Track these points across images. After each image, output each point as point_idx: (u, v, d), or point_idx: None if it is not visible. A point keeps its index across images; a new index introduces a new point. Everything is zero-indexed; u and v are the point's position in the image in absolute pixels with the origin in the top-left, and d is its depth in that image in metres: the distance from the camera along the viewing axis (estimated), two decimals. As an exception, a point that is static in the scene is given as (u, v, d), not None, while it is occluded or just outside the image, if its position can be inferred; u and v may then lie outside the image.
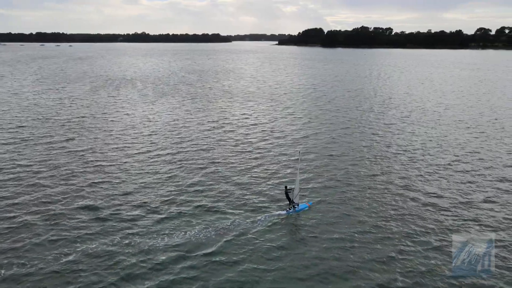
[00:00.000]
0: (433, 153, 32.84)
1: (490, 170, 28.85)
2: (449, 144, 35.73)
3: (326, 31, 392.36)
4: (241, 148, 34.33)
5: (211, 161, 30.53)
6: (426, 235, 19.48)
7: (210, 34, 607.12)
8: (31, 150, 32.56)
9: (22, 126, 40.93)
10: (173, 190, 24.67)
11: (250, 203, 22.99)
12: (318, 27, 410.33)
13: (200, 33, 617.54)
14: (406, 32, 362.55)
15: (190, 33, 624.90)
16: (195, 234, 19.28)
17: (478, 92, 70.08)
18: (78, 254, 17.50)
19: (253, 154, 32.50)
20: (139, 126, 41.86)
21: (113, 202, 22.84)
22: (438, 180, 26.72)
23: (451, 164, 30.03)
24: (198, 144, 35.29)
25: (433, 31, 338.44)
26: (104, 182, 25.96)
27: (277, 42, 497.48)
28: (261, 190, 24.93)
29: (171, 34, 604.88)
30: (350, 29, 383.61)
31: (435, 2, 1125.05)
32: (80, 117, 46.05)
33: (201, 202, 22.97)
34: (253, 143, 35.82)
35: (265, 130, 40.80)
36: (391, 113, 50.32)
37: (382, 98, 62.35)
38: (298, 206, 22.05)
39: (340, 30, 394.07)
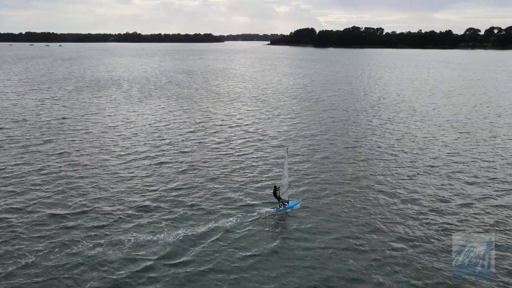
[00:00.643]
0: (420, 152, 32.66)
1: (482, 170, 28.70)
2: (434, 144, 35.56)
3: (318, 31, 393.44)
4: (226, 148, 33.75)
5: (193, 163, 29.92)
6: (421, 234, 19.24)
7: (202, 34, 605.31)
8: (5, 154, 31.61)
9: (-2, 128, 39.89)
10: (155, 191, 24.05)
11: (239, 202, 22.98)
12: (310, 27, 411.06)
13: (192, 33, 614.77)
14: (397, 32, 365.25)
15: (183, 33, 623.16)
16: (183, 234, 19.04)
17: (467, 92, 70.30)
18: (39, 259, 16.89)
19: (238, 155, 32.05)
20: (120, 128, 41.04)
21: (84, 205, 22.12)
22: (426, 178, 26.53)
23: (437, 164, 29.82)
24: (179, 145, 34.62)
25: (423, 31, 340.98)
26: (77, 185, 25.21)
27: (269, 42, 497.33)
28: (249, 189, 25.04)
29: (163, 34, 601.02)
30: (342, 29, 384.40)
31: (427, 2, 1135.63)
32: (60, 118, 45.05)
33: (189, 202, 22.82)
34: (238, 144, 35.26)
35: (250, 131, 40.26)
36: (380, 112, 50.11)
37: (371, 98, 62.18)
38: (288, 203, 21.96)
39: (331, 30, 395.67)
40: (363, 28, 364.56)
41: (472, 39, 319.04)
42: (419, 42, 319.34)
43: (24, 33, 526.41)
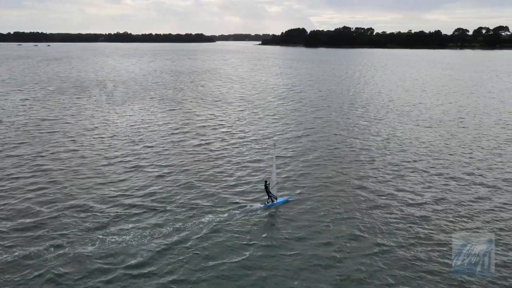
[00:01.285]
0: (403, 151, 32.64)
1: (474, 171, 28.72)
2: (418, 143, 35.59)
3: (309, 31, 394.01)
4: (206, 150, 33.35)
5: (172, 165, 29.45)
6: (412, 231, 19.22)
7: (193, 34, 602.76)
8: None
9: (-27, 130, 38.96)
10: (134, 191, 23.57)
11: (228, 198, 23.29)
12: (301, 27, 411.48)
13: (184, 33, 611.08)
14: (387, 32, 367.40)
15: (174, 33, 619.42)
16: (173, 230, 19.30)
17: (452, 91, 70.77)
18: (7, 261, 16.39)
19: (221, 155, 31.84)
20: (99, 130, 40.37)
21: (53, 211, 21.55)
22: (410, 176, 26.46)
23: (419, 163, 29.81)
24: (159, 147, 34.13)
25: (413, 32, 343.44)
26: (49, 187, 24.64)
27: (260, 42, 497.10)
28: (236, 186, 25.28)
29: (154, 34, 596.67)
30: (334, 29, 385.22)
31: (419, 3, 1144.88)
32: (38, 119, 44.25)
33: (178, 200, 22.98)
34: (220, 144, 34.93)
35: (234, 131, 39.90)
36: (368, 110, 50.15)
37: (358, 98, 62.25)
38: (277, 199, 22.29)
39: (323, 30, 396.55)
40: (354, 28, 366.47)
41: (460, 39, 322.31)
42: (409, 42, 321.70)
43: (12, 33, 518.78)
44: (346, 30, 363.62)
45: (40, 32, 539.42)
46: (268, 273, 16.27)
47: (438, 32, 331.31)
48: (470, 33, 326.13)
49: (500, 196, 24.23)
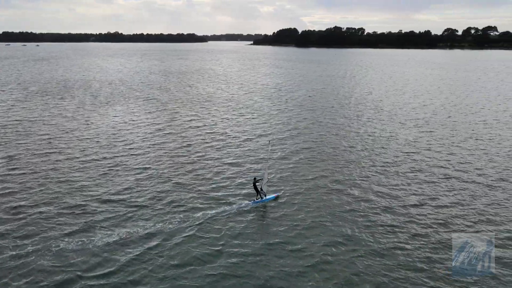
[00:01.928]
0: (383, 149, 32.48)
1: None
2: (398, 141, 35.48)
3: (300, 31, 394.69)
4: (187, 151, 32.83)
5: (158, 163, 28.91)
6: (401, 228, 19.07)
7: (185, 34, 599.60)
8: None
9: None
10: (111, 190, 22.97)
11: (218, 195, 23.59)
12: (293, 27, 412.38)
13: (175, 33, 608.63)
14: (378, 32, 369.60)
15: (166, 33, 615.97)
16: (160, 227, 19.44)
17: (437, 91, 71.11)
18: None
19: (206, 155, 31.53)
20: (79, 130, 39.56)
21: (22, 211, 20.87)
22: (395, 175, 26.27)
23: (400, 161, 29.65)
24: (142, 147, 33.52)
25: (403, 32, 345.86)
26: (21, 190, 23.93)
27: (252, 42, 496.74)
28: (226, 183, 25.60)
29: (145, 34, 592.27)
30: (326, 29, 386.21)
31: (410, 3, 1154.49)
32: (16, 120, 43.29)
33: (167, 199, 23.00)
34: (204, 145, 34.48)
35: (215, 131, 39.42)
36: (354, 112, 50.05)
37: (344, 97, 62.20)
38: (266, 196, 22.66)
39: (314, 30, 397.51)
40: (345, 28, 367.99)
41: (450, 39, 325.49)
42: (399, 42, 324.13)
43: (1, 33, 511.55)
44: (337, 30, 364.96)
45: (29, 32, 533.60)
46: (258, 269, 16.32)
47: (428, 32, 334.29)
48: (460, 33, 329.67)
49: (492, 194, 24.19)
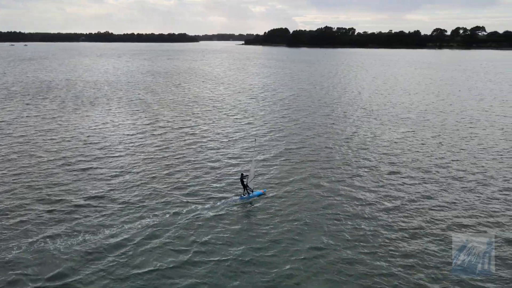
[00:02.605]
0: (367, 149, 32.36)
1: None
2: (383, 140, 35.37)
3: (292, 31, 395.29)
4: (166, 151, 32.30)
5: (140, 162, 28.34)
6: (390, 225, 18.59)
7: (176, 33, 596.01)
8: None
9: None
10: (89, 190, 22.31)
11: (204, 191, 23.85)
12: (284, 27, 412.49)
13: (167, 32, 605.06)
14: (369, 32, 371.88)
15: (158, 32, 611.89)
16: (147, 224, 19.52)
17: (424, 90, 71.46)
18: None
19: (200, 150, 31.60)
20: (55, 132, 38.76)
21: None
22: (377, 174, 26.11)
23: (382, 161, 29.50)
24: (127, 148, 32.92)
25: (393, 32, 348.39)
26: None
27: (243, 42, 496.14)
28: (212, 179, 25.91)
29: (137, 33, 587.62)
30: (316, 29, 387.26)
31: (401, 3, 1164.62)
32: (-7, 122, 42.31)
33: (155, 195, 23.17)
34: (191, 144, 33.94)
35: (198, 132, 38.94)
36: (350, 108, 49.94)
37: (331, 97, 62.13)
38: (253, 192, 22.96)
39: (305, 30, 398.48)
40: (336, 28, 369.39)
41: (439, 39, 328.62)
42: (389, 42, 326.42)
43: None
44: (328, 30, 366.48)
45: (18, 31, 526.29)
46: (245, 265, 16.34)
47: (417, 32, 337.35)
48: (448, 33, 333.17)
49: (492, 193, 24.10)
